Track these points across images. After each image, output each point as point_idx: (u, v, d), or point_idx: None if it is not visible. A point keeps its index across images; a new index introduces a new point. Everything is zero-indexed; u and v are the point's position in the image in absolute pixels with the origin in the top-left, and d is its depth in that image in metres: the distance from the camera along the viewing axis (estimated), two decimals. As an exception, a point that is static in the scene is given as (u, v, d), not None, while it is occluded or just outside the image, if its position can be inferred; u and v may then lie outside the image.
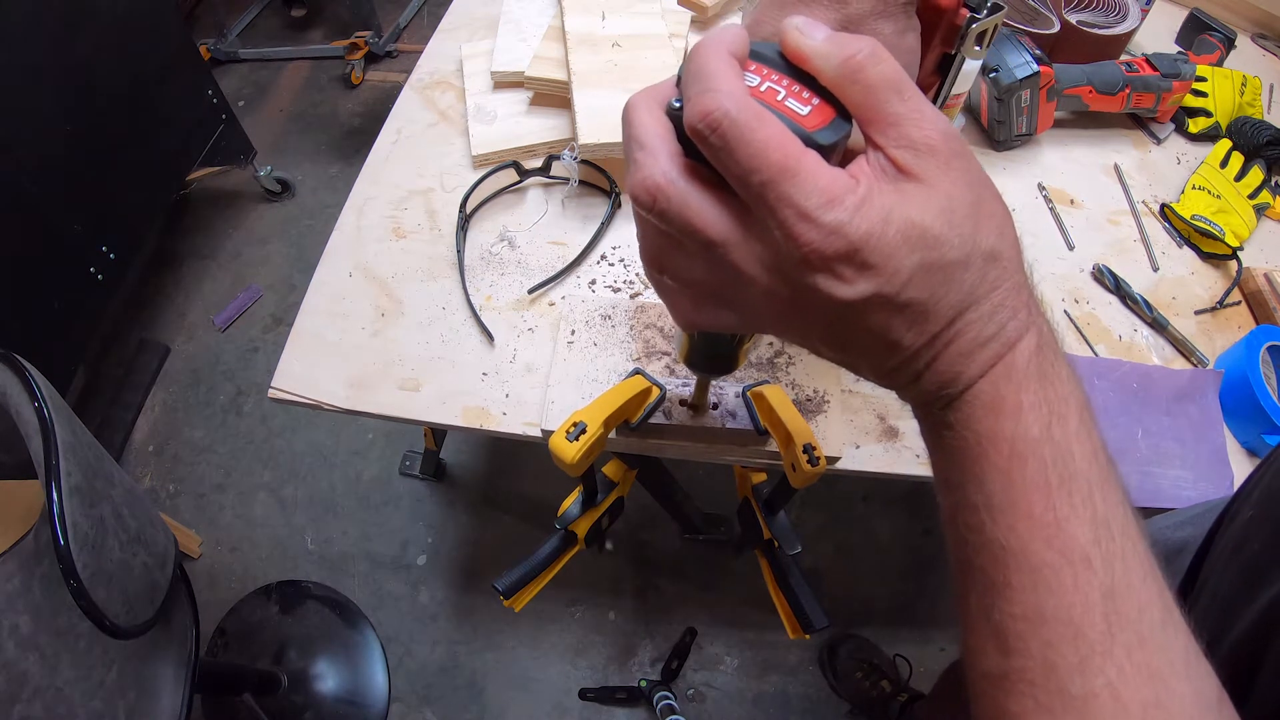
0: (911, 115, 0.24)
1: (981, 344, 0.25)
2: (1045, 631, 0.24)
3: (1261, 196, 0.84)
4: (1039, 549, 0.25)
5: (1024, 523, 0.25)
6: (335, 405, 0.63)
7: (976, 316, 0.25)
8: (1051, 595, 0.24)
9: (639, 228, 0.28)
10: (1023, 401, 0.25)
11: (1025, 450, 0.25)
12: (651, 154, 0.25)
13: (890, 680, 1.20)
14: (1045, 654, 0.24)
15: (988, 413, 0.26)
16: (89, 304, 1.32)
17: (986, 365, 0.26)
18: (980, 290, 0.25)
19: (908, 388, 0.28)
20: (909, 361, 0.26)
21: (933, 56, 0.44)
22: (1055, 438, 0.25)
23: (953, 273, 0.24)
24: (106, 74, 1.29)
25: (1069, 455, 0.25)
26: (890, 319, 0.25)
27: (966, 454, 0.26)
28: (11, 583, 0.61)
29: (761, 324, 0.28)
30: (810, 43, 0.25)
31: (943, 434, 0.27)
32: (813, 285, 0.24)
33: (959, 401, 0.26)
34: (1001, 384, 0.26)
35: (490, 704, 1.24)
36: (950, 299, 0.25)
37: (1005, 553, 0.25)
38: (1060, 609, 0.24)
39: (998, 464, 0.25)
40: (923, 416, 0.29)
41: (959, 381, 0.26)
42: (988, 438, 0.26)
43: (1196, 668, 0.25)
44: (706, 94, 0.23)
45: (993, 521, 0.25)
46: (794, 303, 0.25)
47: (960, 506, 0.27)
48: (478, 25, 0.98)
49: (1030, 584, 0.25)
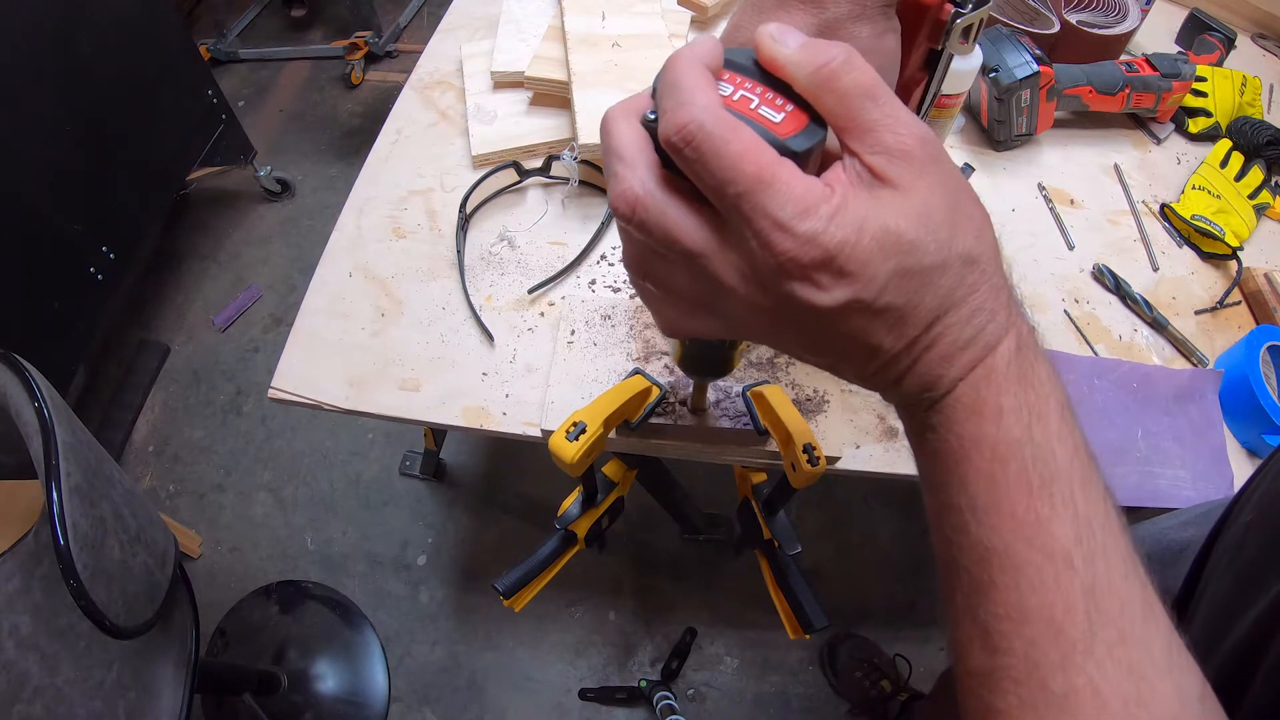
0: (886, 121, 0.24)
1: (961, 347, 0.26)
2: (1028, 630, 0.25)
3: (1261, 196, 0.84)
4: (1021, 549, 0.25)
5: (1007, 523, 0.25)
6: (335, 405, 0.63)
7: (955, 320, 0.25)
8: (1034, 594, 0.25)
9: (621, 236, 0.29)
10: (1003, 404, 0.26)
11: (1006, 453, 0.26)
12: (630, 166, 0.25)
13: (890, 680, 1.20)
14: (1028, 652, 0.25)
15: (969, 416, 0.26)
16: (89, 304, 1.32)
17: (966, 368, 0.26)
18: (958, 294, 0.25)
19: (890, 390, 0.28)
20: (889, 365, 0.26)
21: (919, 53, 0.44)
22: (1036, 439, 0.26)
23: (929, 277, 0.24)
24: (106, 74, 1.29)
25: (1050, 455, 0.26)
26: (868, 324, 0.25)
27: (949, 456, 0.27)
28: (11, 583, 0.61)
29: (744, 330, 0.28)
30: (784, 50, 0.25)
31: (926, 436, 0.28)
32: (790, 293, 0.24)
33: (940, 405, 0.27)
34: (982, 387, 0.26)
35: (490, 704, 1.24)
36: (927, 304, 0.25)
37: (989, 553, 0.26)
38: (1042, 607, 0.24)
39: (980, 466, 0.26)
40: (906, 418, 0.29)
41: (939, 385, 0.26)
42: (970, 440, 0.26)
43: (1179, 663, 0.25)
44: (680, 107, 0.23)
45: (976, 522, 0.26)
46: (774, 310, 0.25)
47: (945, 508, 0.27)
48: (478, 25, 0.98)
49: (1013, 583, 0.25)
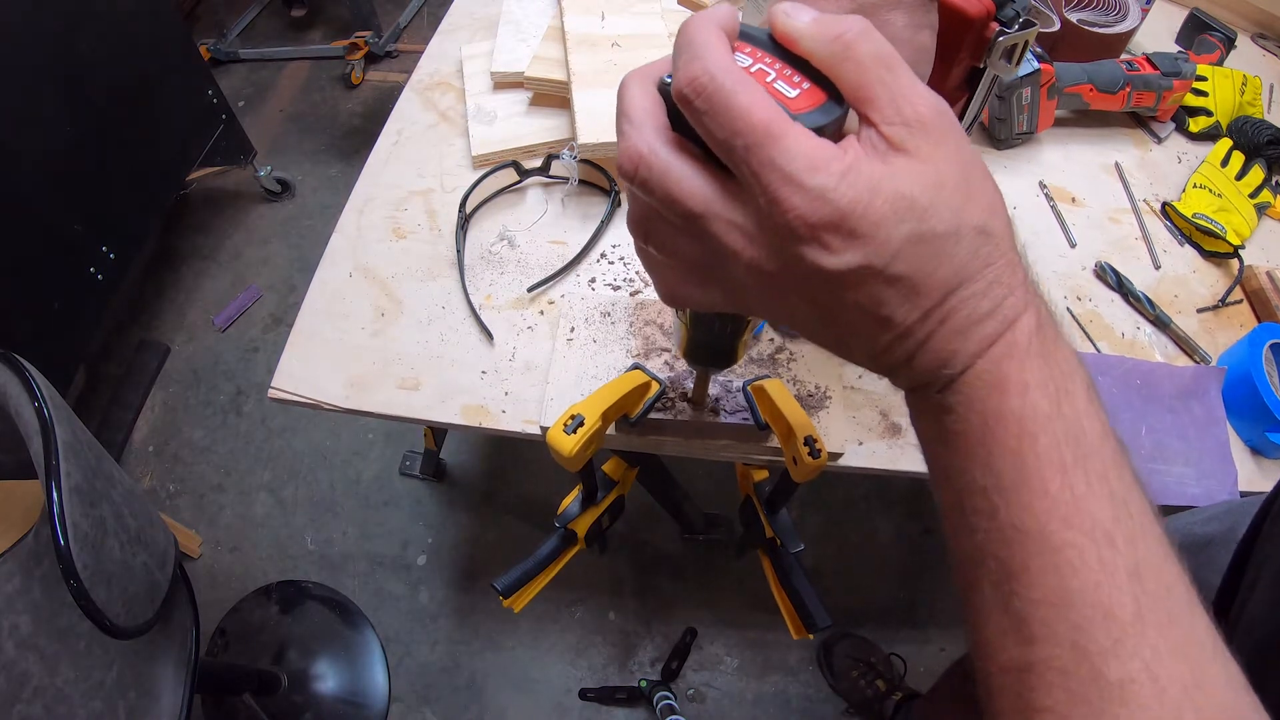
0: (904, 91, 0.24)
1: (977, 321, 0.24)
2: (1073, 615, 0.23)
3: (1262, 195, 0.84)
4: (1058, 528, 0.23)
5: (1040, 501, 0.24)
6: (335, 405, 0.63)
7: (970, 293, 0.24)
8: (1076, 575, 0.23)
9: (628, 199, 0.29)
10: (1028, 379, 0.24)
11: (1035, 427, 0.24)
12: (637, 126, 0.25)
13: (886, 679, 1.20)
14: (1075, 638, 0.23)
15: (992, 392, 0.25)
16: (89, 304, 1.32)
17: (985, 343, 0.25)
18: (973, 266, 0.24)
19: (901, 370, 0.26)
20: (901, 339, 0.25)
21: (960, 70, 0.43)
22: (1065, 414, 0.24)
23: (943, 245, 0.23)
24: (106, 74, 1.29)
25: (1081, 432, 0.24)
26: (880, 293, 0.24)
27: (970, 437, 0.25)
28: (11, 583, 0.61)
29: (747, 301, 0.27)
30: (798, 24, 0.25)
31: (943, 419, 0.26)
32: (799, 256, 0.23)
33: (959, 383, 0.25)
34: (1004, 362, 0.25)
35: (490, 704, 1.24)
36: (941, 273, 0.24)
37: (1022, 535, 0.24)
38: (1086, 590, 0.23)
39: (1006, 443, 0.24)
40: (918, 403, 0.28)
41: (956, 360, 0.25)
42: (994, 417, 0.24)
43: (1223, 649, 0.24)
44: (693, 60, 0.23)
45: (1005, 504, 0.24)
46: (780, 277, 0.25)
47: (967, 493, 0.25)
48: (478, 25, 0.98)
49: (1052, 566, 0.23)
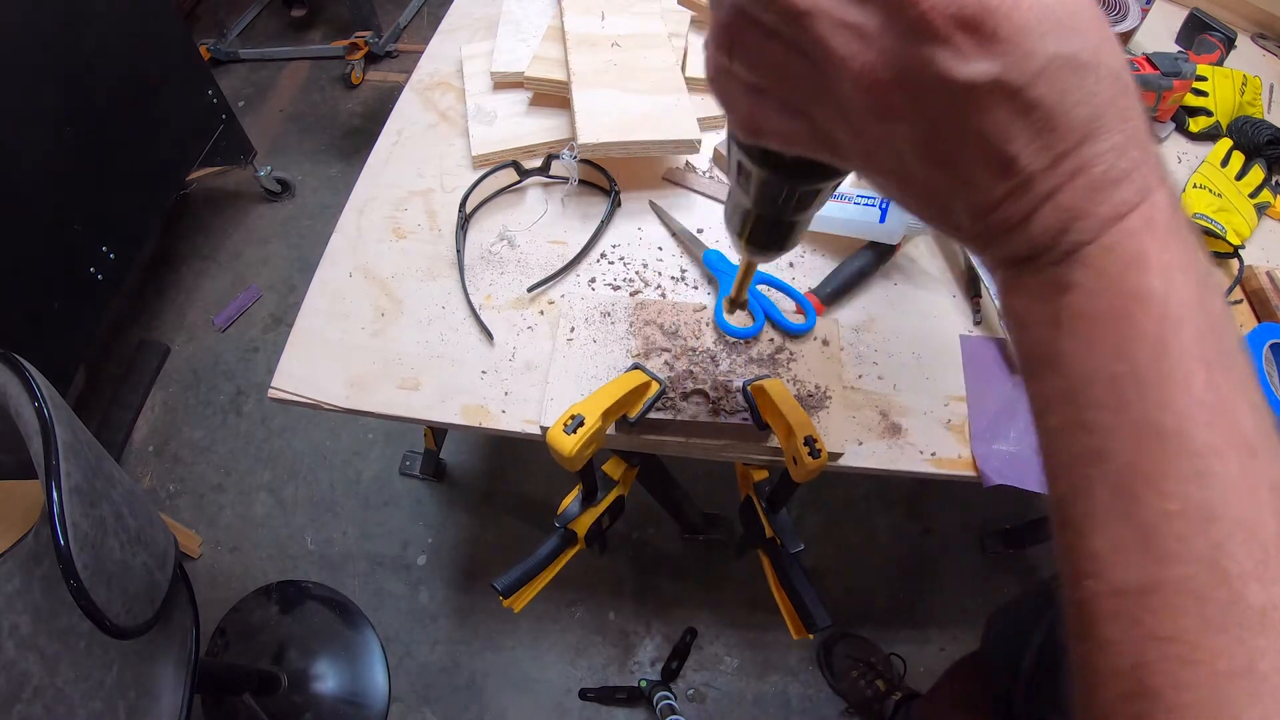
0: None
1: (1114, 180, 0.21)
2: (1215, 530, 0.20)
3: (1262, 195, 0.84)
4: (1200, 432, 0.21)
5: (1181, 399, 0.21)
6: (335, 405, 0.63)
7: (1108, 147, 0.21)
8: (1217, 486, 0.20)
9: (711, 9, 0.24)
10: (1169, 260, 0.21)
11: (1180, 314, 0.21)
12: None
13: (885, 679, 1.20)
14: (1215, 557, 0.20)
15: (1129, 268, 0.21)
16: (89, 304, 1.32)
17: (1122, 209, 0.21)
18: (1110, 115, 0.21)
19: (1014, 233, 0.22)
20: (1022, 189, 0.21)
21: None
22: (1208, 309, 0.21)
23: (1086, 79, 0.20)
24: (106, 74, 1.29)
25: (1223, 332, 0.21)
26: (1011, 121, 0.20)
27: (1101, 317, 0.22)
28: (11, 583, 0.61)
29: (838, 134, 0.23)
30: None
31: (1059, 298, 0.22)
32: (923, 60, 0.19)
33: (1085, 254, 0.22)
34: (1143, 235, 0.21)
35: (490, 704, 1.24)
36: (1080, 112, 0.20)
37: (1158, 435, 0.21)
38: (1228, 503, 0.20)
39: (1146, 328, 0.21)
40: (1020, 279, 0.24)
41: (1084, 226, 0.21)
42: (1133, 296, 0.21)
43: None
44: None
45: (1140, 396, 0.21)
46: (891, 96, 0.21)
47: (1085, 384, 0.22)
48: (478, 25, 0.98)
49: (1192, 473, 0.21)
